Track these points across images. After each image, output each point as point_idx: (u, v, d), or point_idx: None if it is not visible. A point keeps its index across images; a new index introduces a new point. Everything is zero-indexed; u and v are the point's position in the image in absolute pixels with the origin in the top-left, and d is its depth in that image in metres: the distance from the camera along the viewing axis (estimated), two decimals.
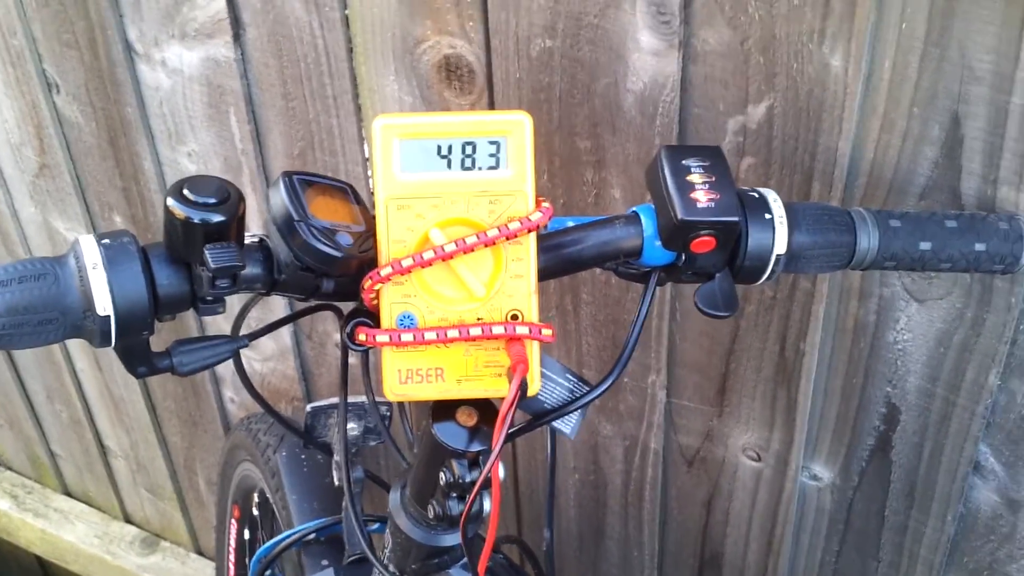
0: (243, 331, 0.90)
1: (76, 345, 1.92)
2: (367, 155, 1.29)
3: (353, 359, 0.95)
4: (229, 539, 1.70)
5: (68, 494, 2.32)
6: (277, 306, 1.52)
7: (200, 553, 2.19)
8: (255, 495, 1.58)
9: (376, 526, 1.13)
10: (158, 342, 0.80)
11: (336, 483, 1.07)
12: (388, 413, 1.15)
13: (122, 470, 2.14)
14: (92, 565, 2.25)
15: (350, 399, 1.10)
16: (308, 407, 1.13)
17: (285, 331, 1.59)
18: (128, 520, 2.26)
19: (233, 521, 1.68)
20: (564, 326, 1.31)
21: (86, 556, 2.24)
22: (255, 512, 1.61)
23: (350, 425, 1.13)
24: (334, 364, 1.59)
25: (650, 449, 1.38)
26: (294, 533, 1.21)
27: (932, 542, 1.22)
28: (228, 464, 1.65)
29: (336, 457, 1.09)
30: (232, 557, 1.70)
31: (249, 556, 1.64)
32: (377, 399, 0.99)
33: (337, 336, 1.53)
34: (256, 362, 1.67)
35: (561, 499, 1.52)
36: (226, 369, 1.75)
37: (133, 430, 2.01)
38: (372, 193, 1.24)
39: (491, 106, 1.16)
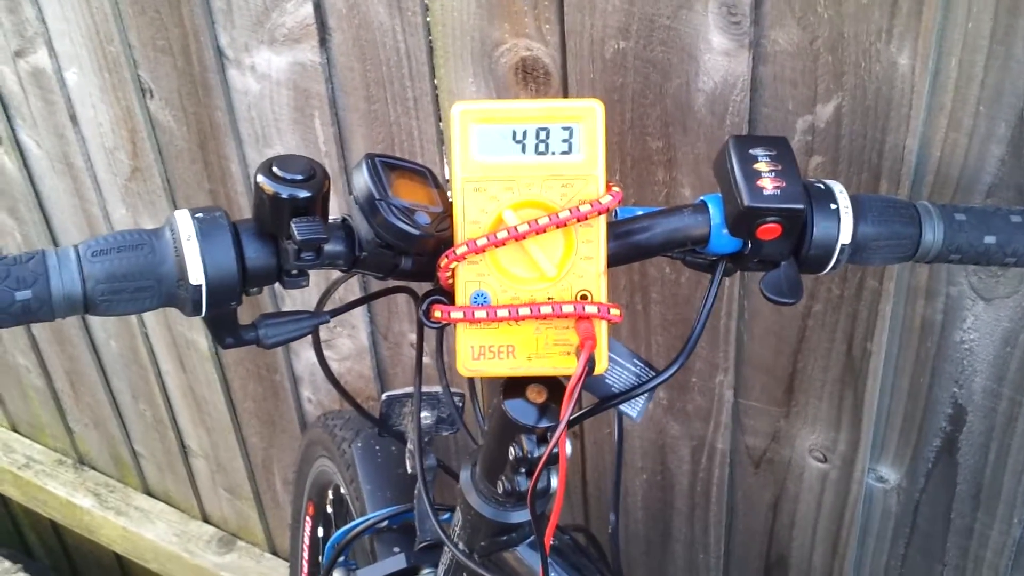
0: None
1: (161, 346, 1.98)
2: (445, 155, 1.33)
3: (427, 359, 0.98)
4: (304, 536, 1.73)
5: (149, 493, 2.38)
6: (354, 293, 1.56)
7: (275, 553, 2.23)
8: (330, 491, 1.61)
9: (446, 516, 1.16)
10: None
11: (409, 471, 1.10)
12: (460, 403, 1.18)
13: (202, 470, 2.20)
14: (170, 563, 2.31)
15: (424, 389, 1.14)
16: (384, 396, 1.16)
17: (362, 331, 1.63)
18: (206, 520, 2.31)
19: (308, 518, 1.71)
20: (634, 325, 1.34)
21: (165, 554, 2.30)
22: (329, 510, 1.64)
23: (423, 414, 1.16)
24: (409, 364, 1.63)
25: (717, 450, 1.39)
26: (368, 519, 1.24)
27: (998, 545, 1.23)
28: (304, 461, 1.69)
29: (410, 445, 1.12)
30: (306, 554, 1.73)
31: (322, 554, 1.68)
32: (450, 389, 1.02)
33: (413, 336, 1.57)
34: (333, 361, 1.71)
35: (628, 500, 1.53)
36: (304, 369, 1.79)
37: (214, 430, 2.07)
38: (448, 180, 1.28)
39: None
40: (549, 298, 0.82)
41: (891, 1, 0.95)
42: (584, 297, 0.82)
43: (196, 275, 0.76)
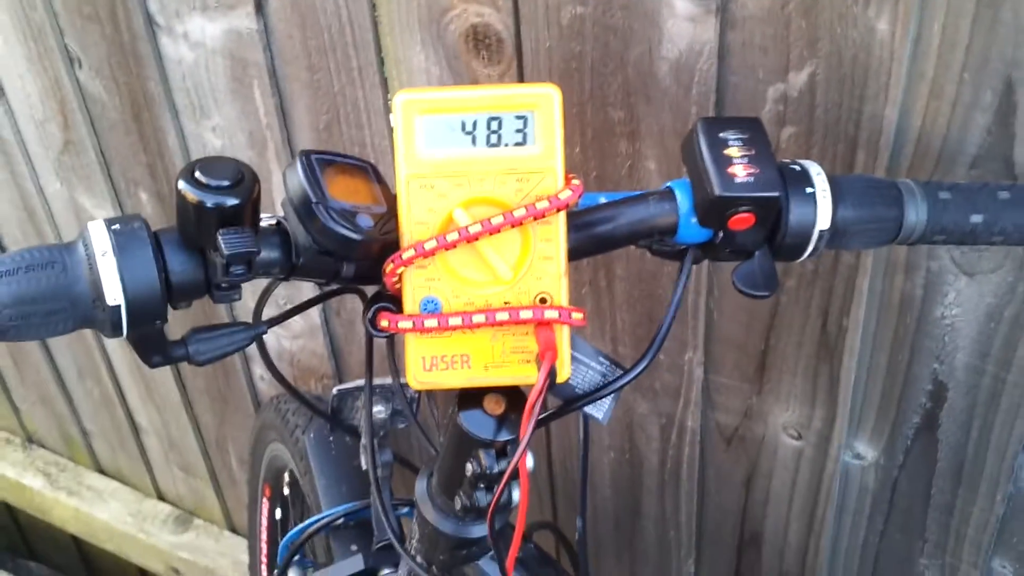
0: (268, 313, 0.87)
1: None
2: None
3: (380, 341, 0.92)
4: (261, 518, 1.69)
5: (101, 471, 2.32)
6: (305, 286, 1.49)
7: (233, 531, 2.18)
8: (285, 475, 1.56)
9: (406, 510, 1.11)
10: (183, 326, 0.77)
11: (364, 467, 1.04)
12: (416, 396, 1.12)
13: (154, 448, 2.14)
14: (126, 543, 2.25)
15: (378, 381, 1.07)
16: (334, 390, 1.10)
17: (314, 309, 1.56)
18: (161, 498, 2.26)
19: (264, 500, 1.66)
20: (598, 303, 1.28)
21: (120, 534, 2.24)
22: (286, 492, 1.59)
23: (378, 408, 1.10)
24: (364, 342, 1.56)
25: (687, 428, 1.34)
26: (322, 518, 1.19)
27: (980, 522, 1.19)
28: (258, 443, 1.63)
29: (363, 441, 1.06)
30: (264, 536, 1.69)
31: (281, 535, 1.63)
32: (403, 385, 0.96)
33: None
34: (285, 340, 1.65)
35: (596, 478, 1.49)
36: (255, 346, 1.72)
37: (164, 408, 2.00)
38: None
39: (520, 77, 1.12)
40: (506, 303, 0.75)
41: None
42: (544, 300, 0.75)
43: (114, 295, 0.68)
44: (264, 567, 1.70)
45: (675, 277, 0.82)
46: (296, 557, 1.21)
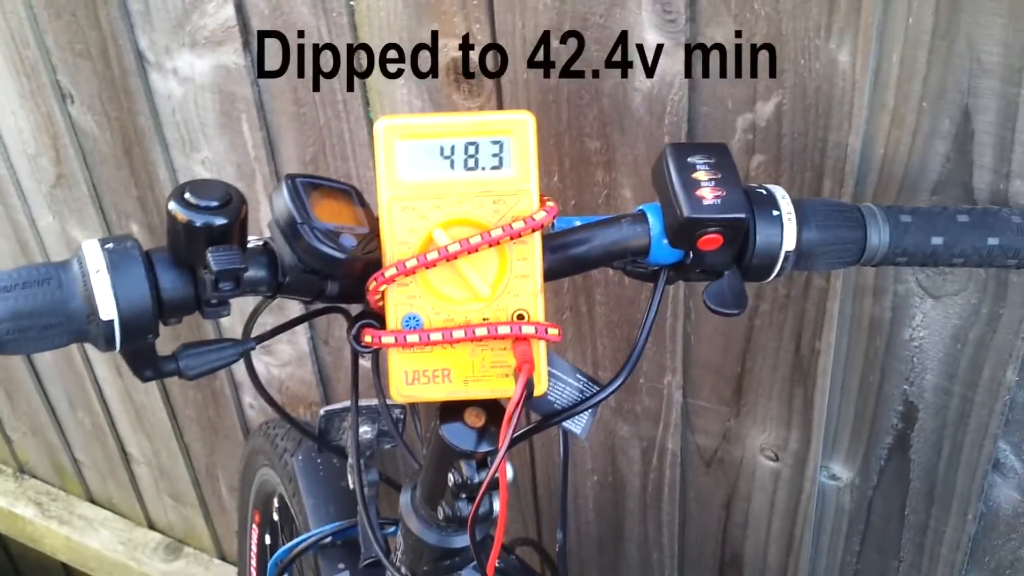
0: (256, 334, 0.90)
1: (97, 353, 1.93)
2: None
3: (366, 363, 0.94)
4: (251, 544, 1.70)
5: (92, 501, 2.34)
6: (292, 311, 1.52)
7: (223, 559, 2.19)
8: (275, 500, 1.58)
9: (392, 529, 1.13)
10: (172, 343, 0.80)
11: (351, 487, 1.07)
12: (402, 416, 1.15)
13: (145, 477, 2.15)
14: (117, 572, 2.26)
15: (364, 402, 1.10)
16: (321, 411, 1.13)
17: (302, 336, 1.59)
18: (152, 527, 2.27)
19: (254, 526, 1.68)
20: (579, 328, 1.31)
21: (111, 562, 2.25)
22: (275, 517, 1.61)
23: (364, 428, 1.13)
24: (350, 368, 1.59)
25: (667, 450, 1.37)
26: (310, 537, 1.21)
27: (953, 541, 1.21)
28: (248, 469, 1.65)
29: (350, 460, 1.09)
30: (254, 562, 1.70)
31: (270, 559, 1.65)
32: (390, 402, 0.99)
33: None
34: (274, 367, 1.68)
35: (579, 502, 1.51)
36: (244, 375, 1.75)
37: (155, 437, 2.02)
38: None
39: (500, 108, 1.16)
40: (484, 319, 0.78)
41: None
42: (521, 317, 0.79)
43: (108, 310, 0.72)
44: None
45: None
46: None
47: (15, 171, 1.70)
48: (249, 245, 0.78)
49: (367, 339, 0.78)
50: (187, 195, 0.73)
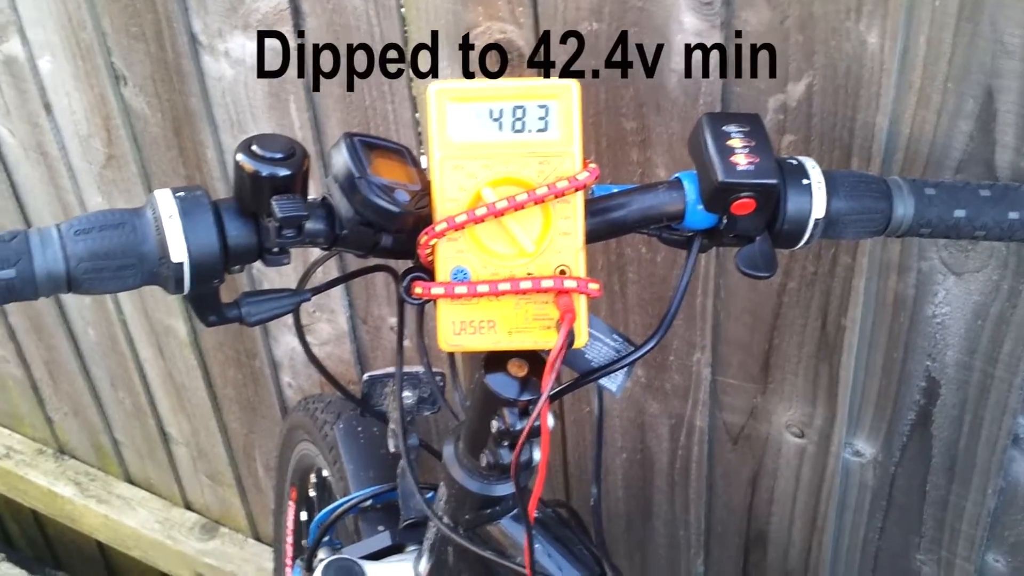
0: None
1: (140, 333, 1.98)
2: (421, 138, 1.34)
3: (408, 342, 0.98)
4: (287, 521, 1.74)
5: (130, 481, 2.39)
6: (336, 290, 1.56)
7: (258, 539, 2.24)
8: (312, 475, 1.62)
9: (429, 495, 1.17)
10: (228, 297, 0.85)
11: (392, 450, 1.12)
12: (442, 382, 1.19)
13: (183, 457, 2.20)
14: (153, 550, 2.31)
15: (406, 369, 1.15)
16: (365, 376, 1.17)
17: (341, 315, 1.64)
18: (188, 507, 2.32)
19: (291, 503, 1.72)
20: (612, 305, 1.35)
21: (147, 541, 2.30)
22: (312, 493, 1.65)
23: (405, 394, 1.17)
24: (389, 348, 1.64)
25: (695, 427, 1.41)
26: (352, 499, 1.25)
27: (973, 516, 1.24)
28: (286, 446, 1.70)
29: (392, 424, 1.13)
30: (290, 539, 1.74)
31: (306, 537, 1.69)
32: (431, 368, 1.03)
33: (392, 320, 1.58)
34: (314, 346, 1.72)
35: (609, 479, 1.55)
36: (284, 354, 1.80)
37: (194, 417, 2.07)
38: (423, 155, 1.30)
39: None
40: (529, 273, 0.83)
41: None
42: (563, 272, 0.83)
43: (178, 253, 0.77)
44: (289, 569, 1.75)
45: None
46: (325, 538, 1.28)
47: (67, 152, 1.76)
48: (308, 199, 0.82)
49: (417, 291, 0.83)
50: (254, 147, 0.78)
